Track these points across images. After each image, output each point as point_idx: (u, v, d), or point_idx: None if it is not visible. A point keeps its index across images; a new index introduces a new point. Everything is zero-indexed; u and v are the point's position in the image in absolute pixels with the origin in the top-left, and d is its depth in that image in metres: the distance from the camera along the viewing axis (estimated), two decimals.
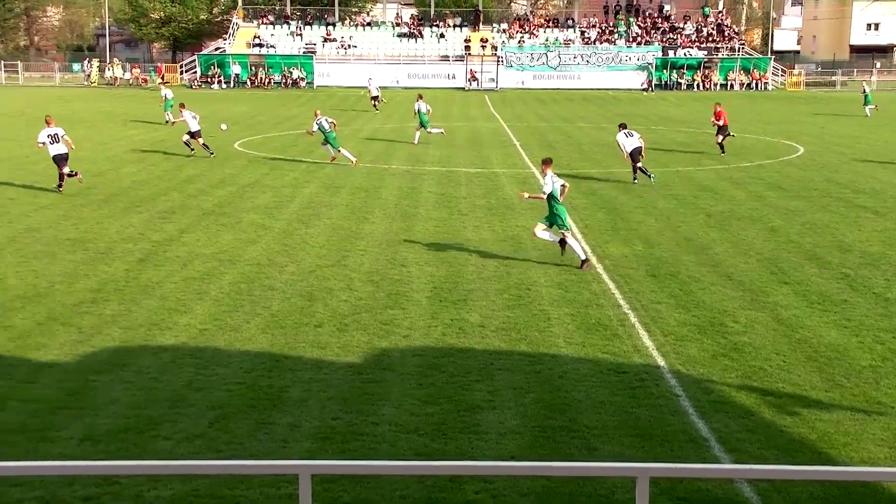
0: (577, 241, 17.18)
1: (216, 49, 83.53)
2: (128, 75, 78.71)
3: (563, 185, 16.67)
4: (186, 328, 13.09)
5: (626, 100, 62.70)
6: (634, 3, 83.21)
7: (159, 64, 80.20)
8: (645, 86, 72.71)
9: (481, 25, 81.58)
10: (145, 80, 78.25)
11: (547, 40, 78.18)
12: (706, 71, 75.44)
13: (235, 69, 75.08)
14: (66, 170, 23.71)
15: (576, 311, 14.09)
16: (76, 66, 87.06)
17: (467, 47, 77.17)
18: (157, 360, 11.83)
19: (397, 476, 8.56)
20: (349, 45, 78.92)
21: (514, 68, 75.08)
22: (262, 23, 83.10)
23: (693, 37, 79.03)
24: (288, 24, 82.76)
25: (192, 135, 30.58)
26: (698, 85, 73.99)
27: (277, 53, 77.61)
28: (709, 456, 9.30)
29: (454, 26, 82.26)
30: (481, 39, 77.77)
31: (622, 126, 26.50)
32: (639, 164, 25.73)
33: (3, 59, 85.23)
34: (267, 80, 74.77)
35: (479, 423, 10.01)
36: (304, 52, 77.84)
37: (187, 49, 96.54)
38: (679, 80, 74.48)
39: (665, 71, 75.14)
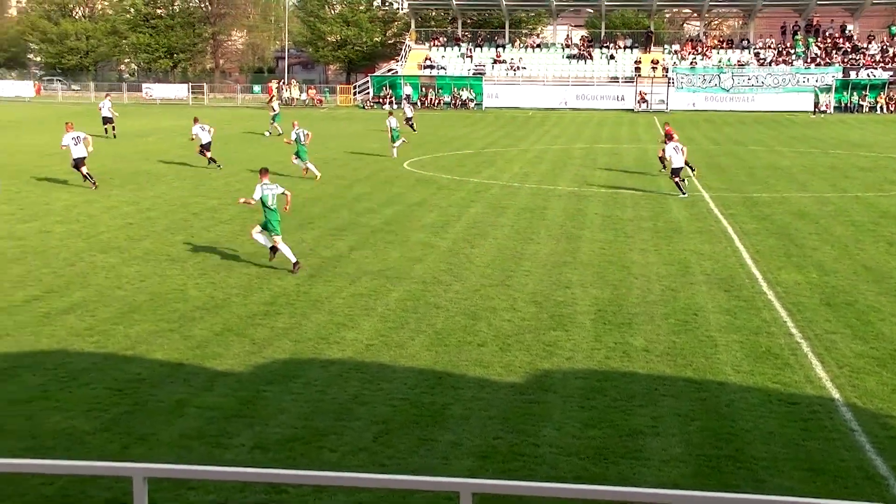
0: (287, 247, 17.91)
1: (388, 70, 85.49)
2: (304, 96, 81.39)
3: (283, 193, 18.30)
4: (353, 343, 13.40)
5: (801, 123, 60.64)
6: (814, 23, 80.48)
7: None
8: (815, 108, 70.03)
9: (653, 47, 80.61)
10: (320, 101, 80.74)
11: (720, 61, 76.52)
12: (891, 92, 72.15)
13: (406, 90, 76.52)
14: (84, 170, 27.95)
15: (744, 338, 13.70)
16: (256, 88, 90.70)
17: (637, 69, 76.35)
18: (325, 372, 12.16)
19: (558, 499, 8.50)
20: (518, 67, 79.30)
21: (685, 90, 73.74)
22: (434, 45, 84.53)
23: (878, 57, 75.79)
24: (459, 45, 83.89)
25: (203, 147, 33.29)
26: (882, 107, 70.79)
27: (448, 75, 78.73)
28: (888, 495, 8.86)
29: (624, 48, 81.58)
30: (652, 61, 76.81)
31: (669, 136, 28.71)
32: (676, 179, 27.35)
33: (191, 81, 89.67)
34: (437, 101, 75.93)
35: (641, 449, 9.85)
36: (473, 74, 78.70)
37: (361, 70, 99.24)
38: (861, 103, 71.50)
39: (845, 93, 72.28)
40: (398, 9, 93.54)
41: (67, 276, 17.00)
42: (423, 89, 77.07)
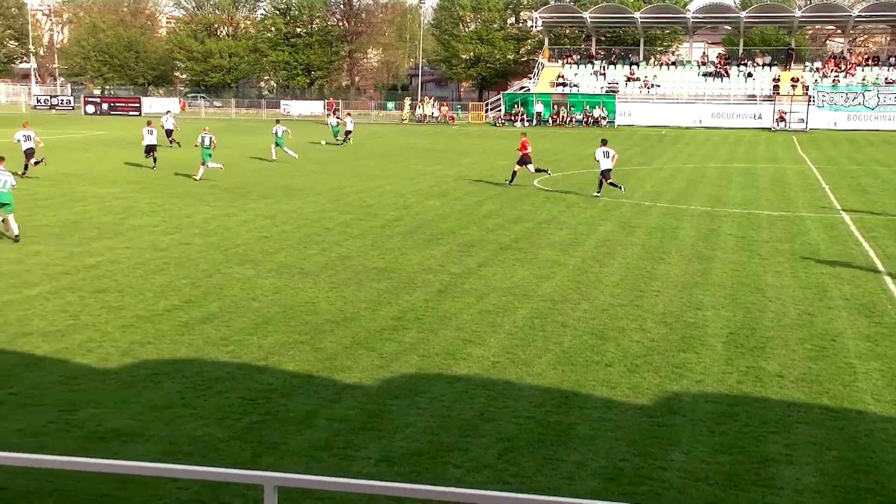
0: (16, 224, 21.03)
1: (521, 88, 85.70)
2: (437, 113, 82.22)
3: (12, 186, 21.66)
4: (480, 359, 13.43)
5: None
6: None
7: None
8: None
9: (793, 64, 78.56)
10: (452, 118, 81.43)
11: (864, 79, 74.03)
12: None
13: (538, 107, 76.53)
14: (32, 161, 33.69)
15: (886, 366, 13.17)
16: (390, 105, 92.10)
17: (776, 87, 74.55)
18: (451, 388, 12.21)
19: None
20: (652, 85, 78.40)
21: (826, 108, 71.60)
22: (567, 62, 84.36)
23: None
24: (592, 63, 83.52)
25: (147, 149, 38.20)
26: None
27: (580, 92, 78.41)
28: None
29: (763, 65, 79.76)
30: (792, 79, 74.90)
31: (604, 142, 31.78)
32: (607, 181, 30.86)
33: (326, 98, 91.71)
34: (568, 119, 75.66)
35: (773, 477, 9.57)
36: (606, 92, 78.18)
37: (493, 88, 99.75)
38: None
39: None
40: (532, 27, 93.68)
41: (205, 287, 17.56)
42: (555, 107, 76.91)
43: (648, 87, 78.49)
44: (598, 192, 31.00)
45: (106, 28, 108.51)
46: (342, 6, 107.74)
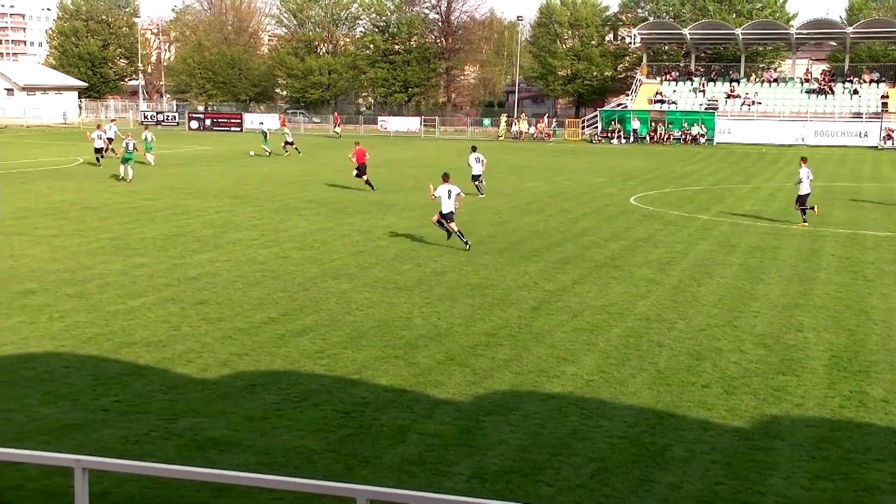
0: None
1: (618, 105, 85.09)
2: (532, 129, 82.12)
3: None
4: (573, 378, 13.33)
5: None
6: None
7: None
8: None
9: None
10: (549, 135, 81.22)
11: None
12: None
13: (635, 124, 75.84)
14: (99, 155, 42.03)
15: None
16: (486, 121, 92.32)
17: (884, 104, 72.56)
18: (544, 406, 12.14)
19: None
20: (753, 102, 77.05)
21: None
22: (666, 79, 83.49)
23: None
24: (691, 80, 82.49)
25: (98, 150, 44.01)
26: None
27: (678, 109, 77.48)
28: None
29: (870, 82, 77.71)
30: None
31: (474, 148, 36.31)
32: (478, 183, 35.44)
33: (423, 114, 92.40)
34: (666, 136, 74.81)
35: None
36: (705, 109, 77.09)
37: (590, 104, 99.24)
38: None
39: None
40: (630, 43, 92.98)
41: (301, 301, 17.81)
42: (653, 124, 76.13)
43: (749, 105, 77.13)
44: (480, 192, 35.38)
45: (210, 46, 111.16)
46: (440, 24, 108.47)
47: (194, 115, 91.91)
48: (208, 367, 13.54)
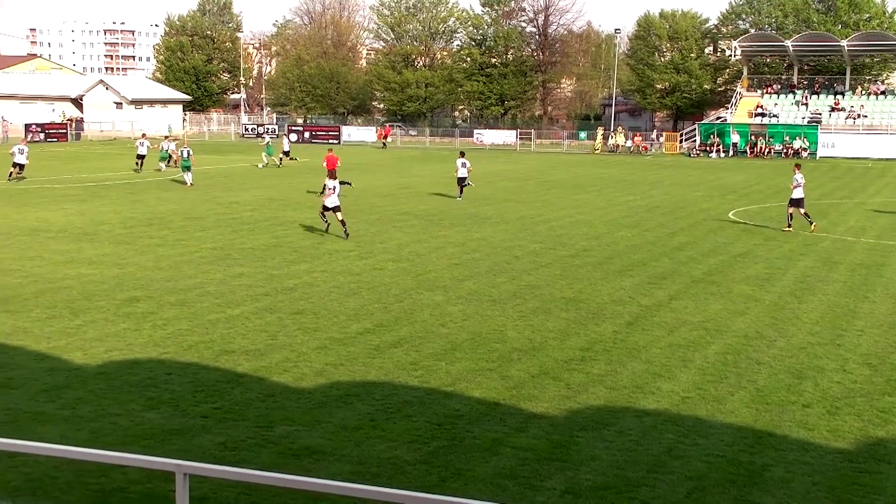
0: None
1: (717, 118, 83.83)
2: (629, 143, 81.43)
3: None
4: (669, 394, 13.14)
5: None
6: None
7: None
8: None
9: None
10: (646, 148, 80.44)
11: None
12: None
13: (734, 138, 74.62)
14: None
15: None
16: (582, 134, 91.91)
17: None
18: (639, 422, 11.99)
19: None
20: (859, 115, 75.09)
21: None
22: (767, 92, 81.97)
23: None
24: (793, 93, 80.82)
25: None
26: None
27: (780, 123, 75.97)
28: None
29: None
30: None
31: (462, 154, 39.57)
32: (462, 187, 38.32)
33: (519, 127, 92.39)
34: (766, 150, 73.40)
35: None
36: (808, 122, 75.42)
37: (688, 118, 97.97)
38: None
39: None
40: (730, 56, 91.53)
41: (396, 312, 17.94)
42: (753, 137, 74.79)
43: (854, 118, 75.21)
44: (461, 196, 38.23)
45: (310, 60, 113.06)
46: (537, 37, 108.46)
47: (293, 128, 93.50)
48: (304, 377, 13.73)
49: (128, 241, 25.98)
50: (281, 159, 56.85)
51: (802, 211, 30.12)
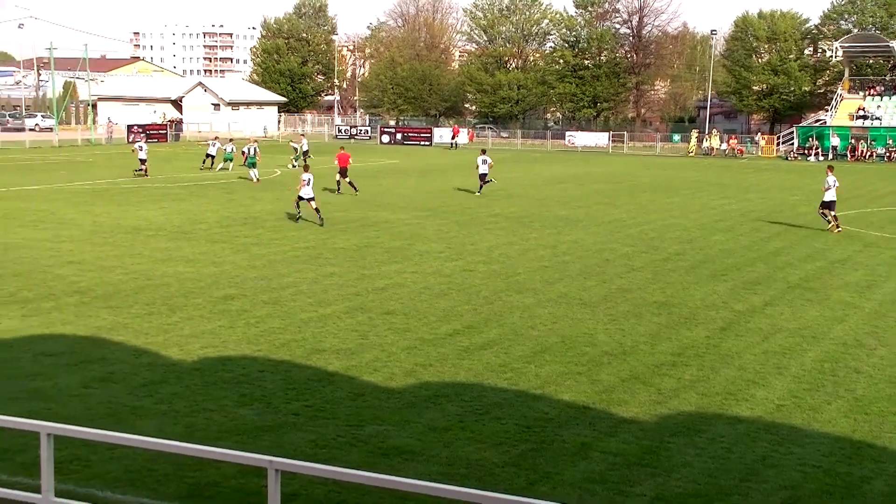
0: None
1: (816, 121, 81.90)
2: (724, 146, 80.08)
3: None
4: (763, 402, 12.88)
5: None
6: None
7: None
8: None
9: None
10: (741, 151, 79.03)
11: None
12: None
13: (834, 141, 72.83)
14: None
15: None
16: (675, 137, 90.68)
17: None
18: (732, 430, 11.79)
19: None
20: None
21: None
22: (869, 94, 79.79)
23: None
24: None
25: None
26: None
27: (883, 125, 73.89)
28: None
29: None
30: None
31: (483, 151, 41.49)
32: (483, 183, 39.92)
33: (612, 130, 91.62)
34: (868, 154, 71.45)
35: None
36: None
37: (786, 120, 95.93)
38: None
39: None
40: (831, 56, 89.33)
41: (486, 314, 17.95)
42: (853, 141, 72.88)
43: None
44: (481, 191, 40.08)
45: (403, 62, 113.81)
46: (631, 38, 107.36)
47: (386, 130, 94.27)
48: (394, 377, 13.83)
49: (224, 239, 26.51)
50: (306, 159, 57.56)
51: (833, 213, 30.11)
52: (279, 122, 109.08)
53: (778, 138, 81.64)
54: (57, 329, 16.17)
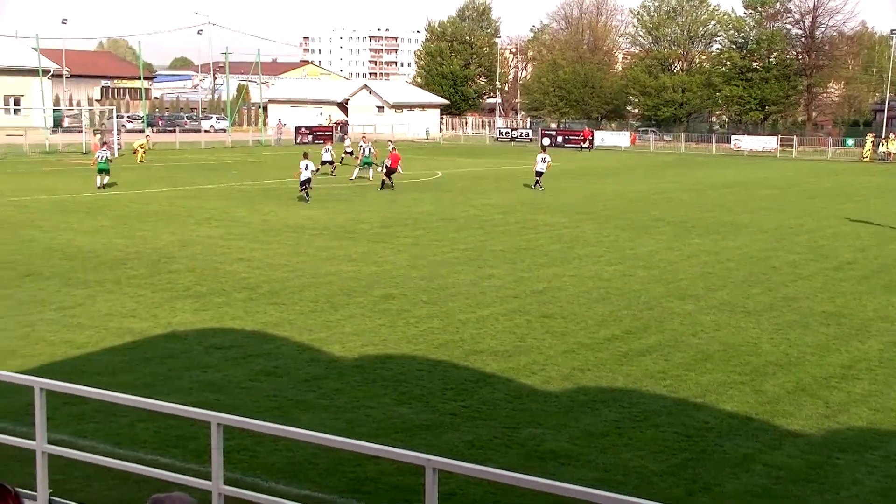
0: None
1: None
2: None
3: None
4: None
5: None
6: None
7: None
8: None
9: None
10: None
11: None
12: None
13: None
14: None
15: None
16: (849, 141, 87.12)
17: None
18: None
19: None
20: None
21: None
22: None
23: None
24: None
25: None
26: None
27: None
28: None
29: None
30: None
31: (543, 149, 46.63)
32: (538, 178, 42.82)
33: (780, 133, 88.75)
34: None
35: None
36: None
37: None
38: None
39: None
40: None
41: (645, 320, 17.67)
42: None
43: None
44: (537, 186, 42.93)
45: (565, 65, 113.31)
46: (803, 39, 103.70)
47: (546, 132, 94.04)
48: (551, 380, 13.78)
49: (385, 239, 26.98)
50: (343, 158, 57.69)
51: None
52: (441, 124, 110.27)
53: None
54: (227, 323, 16.81)
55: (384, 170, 42.35)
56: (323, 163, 47.72)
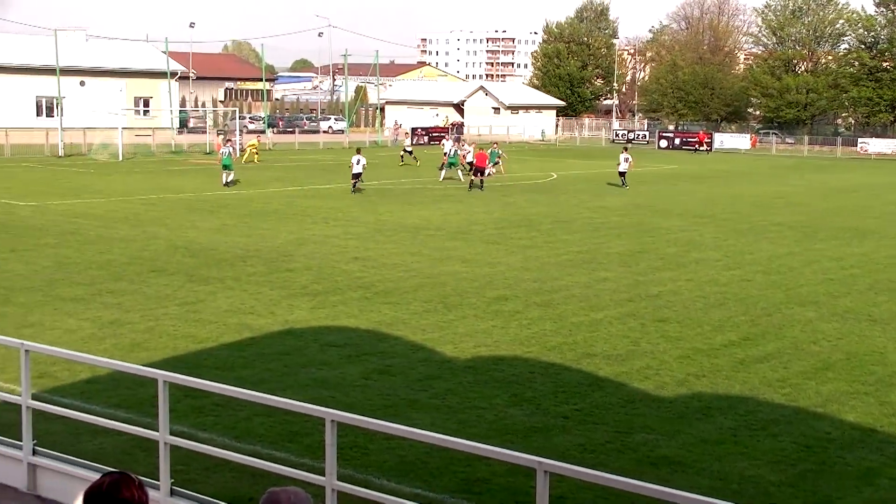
0: None
1: None
2: None
3: None
4: None
5: None
6: None
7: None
8: None
9: None
10: None
11: None
12: None
13: None
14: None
15: None
16: None
17: None
18: None
19: None
20: None
21: None
22: None
23: None
24: None
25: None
26: None
27: None
28: None
29: None
30: None
31: (625, 149, 47.14)
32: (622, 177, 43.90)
33: None
34: None
35: None
36: None
37: None
38: None
39: None
40: None
41: (763, 326, 17.27)
42: None
43: None
44: (623, 185, 43.99)
45: (684, 66, 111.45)
46: None
47: (664, 135, 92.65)
48: (665, 386, 13.59)
49: (498, 241, 27.00)
50: (402, 157, 57.31)
51: None
52: (557, 125, 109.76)
53: None
54: (342, 321, 17.08)
55: (470, 168, 42.93)
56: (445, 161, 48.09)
